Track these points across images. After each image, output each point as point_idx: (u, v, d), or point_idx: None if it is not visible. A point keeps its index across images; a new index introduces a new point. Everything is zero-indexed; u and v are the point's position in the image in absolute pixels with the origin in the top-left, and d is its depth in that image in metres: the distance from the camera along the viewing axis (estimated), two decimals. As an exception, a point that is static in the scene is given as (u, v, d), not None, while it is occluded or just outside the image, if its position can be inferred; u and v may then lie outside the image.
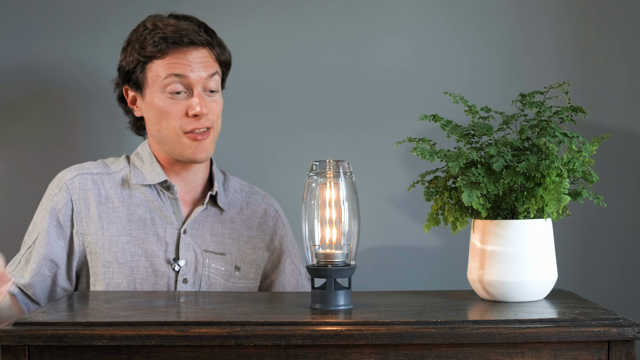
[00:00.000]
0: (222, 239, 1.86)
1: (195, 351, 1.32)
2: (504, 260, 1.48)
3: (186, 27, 1.79)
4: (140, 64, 1.80)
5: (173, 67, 1.77)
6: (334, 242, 1.45)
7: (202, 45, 1.80)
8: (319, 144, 2.15)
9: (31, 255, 1.80)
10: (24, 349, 1.32)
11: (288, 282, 1.91)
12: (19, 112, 2.13)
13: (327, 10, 2.15)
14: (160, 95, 1.79)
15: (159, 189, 1.84)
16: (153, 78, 1.79)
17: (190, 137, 1.79)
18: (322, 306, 1.43)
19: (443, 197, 1.56)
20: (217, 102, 1.83)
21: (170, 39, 1.77)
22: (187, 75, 1.77)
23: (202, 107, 1.78)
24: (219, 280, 1.83)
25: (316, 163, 1.47)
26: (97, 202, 1.81)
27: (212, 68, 1.81)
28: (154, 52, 1.77)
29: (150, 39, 1.78)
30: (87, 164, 1.86)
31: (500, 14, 2.15)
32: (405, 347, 1.32)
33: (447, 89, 1.88)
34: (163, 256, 1.80)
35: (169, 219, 1.82)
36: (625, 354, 1.32)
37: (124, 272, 1.78)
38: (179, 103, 1.78)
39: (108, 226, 1.80)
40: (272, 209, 1.93)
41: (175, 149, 1.81)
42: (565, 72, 2.14)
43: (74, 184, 1.81)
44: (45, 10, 2.13)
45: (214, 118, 1.81)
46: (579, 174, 1.50)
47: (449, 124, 1.55)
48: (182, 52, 1.78)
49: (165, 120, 1.79)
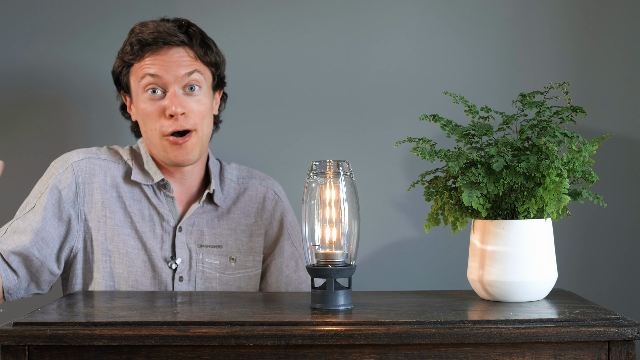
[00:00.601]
0: (219, 230, 1.86)
1: (195, 351, 1.32)
2: (504, 260, 1.48)
3: (163, 29, 1.78)
4: (124, 68, 1.81)
5: (148, 67, 1.77)
6: (334, 242, 1.45)
7: (177, 45, 1.78)
8: (319, 144, 2.15)
9: (19, 227, 1.74)
10: (24, 349, 1.32)
11: (287, 264, 1.90)
12: (18, 112, 2.13)
13: (327, 11, 2.15)
14: (142, 97, 1.79)
15: (155, 187, 1.84)
16: (134, 81, 1.80)
17: (171, 140, 1.77)
18: (322, 306, 1.43)
19: (443, 197, 1.56)
20: (200, 102, 1.79)
21: (144, 41, 1.77)
22: (160, 75, 1.77)
23: (177, 106, 1.75)
24: (214, 274, 1.83)
25: (316, 163, 1.47)
26: (102, 189, 1.80)
27: (190, 67, 1.78)
28: (133, 56, 1.78)
29: (129, 43, 1.79)
30: (94, 149, 1.85)
31: (500, 14, 2.15)
32: (405, 347, 1.32)
33: (447, 89, 1.88)
34: (160, 254, 1.80)
35: (165, 216, 1.82)
36: (625, 354, 1.32)
37: (124, 262, 1.78)
38: (156, 104, 1.78)
39: (111, 215, 1.79)
40: (272, 192, 1.92)
41: (160, 152, 1.80)
42: (565, 72, 2.14)
43: (81, 166, 1.80)
44: (44, 12, 2.13)
45: (195, 119, 1.78)
46: (579, 174, 1.50)
47: (449, 124, 1.55)
48: (158, 52, 1.78)
49: (148, 122, 1.79)
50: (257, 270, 1.88)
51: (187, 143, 1.78)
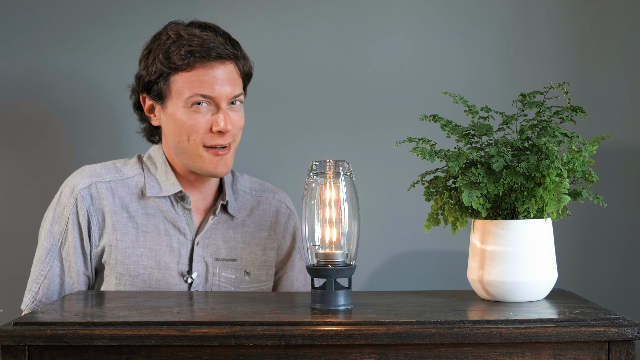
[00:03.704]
0: (234, 244, 1.85)
1: (195, 351, 1.32)
2: (504, 260, 1.48)
3: (213, 40, 1.74)
4: (164, 75, 1.75)
5: (200, 85, 1.73)
6: (334, 242, 1.45)
7: (229, 59, 1.76)
8: (319, 144, 2.15)
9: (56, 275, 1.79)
10: (24, 349, 1.32)
11: (297, 278, 1.91)
12: (18, 113, 2.13)
13: (327, 10, 2.15)
14: (184, 110, 1.75)
15: (172, 199, 1.81)
16: (177, 91, 1.75)
17: (211, 152, 1.76)
18: (322, 306, 1.43)
19: (443, 197, 1.56)
20: (240, 115, 1.80)
21: (197, 52, 1.73)
22: (213, 96, 1.74)
23: (227, 124, 1.75)
24: (229, 288, 1.83)
25: (316, 163, 1.47)
26: (112, 212, 1.78)
27: (238, 83, 1.78)
28: (180, 65, 1.73)
29: (176, 50, 1.73)
30: (99, 168, 1.81)
31: (500, 14, 2.15)
32: (405, 347, 1.32)
33: (447, 88, 1.88)
34: (176, 268, 1.79)
35: (182, 229, 1.80)
36: (625, 354, 1.32)
37: (137, 284, 1.77)
38: (203, 117, 1.75)
39: (122, 237, 1.77)
40: (284, 207, 1.92)
41: (195, 162, 1.77)
42: (565, 72, 2.14)
43: (89, 193, 1.78)
44: (48, 14, 2.13)
45: (236, 132, 1.79)
46: (579, 174, 1.50)
47: (449, 124, 1.55)
48: (210, 66, 1.74)
49: (186, 133, 1.75)
50: (269, 284, 1.88)
51: (227, 155, 1.78)
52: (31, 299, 1.78)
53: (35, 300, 1.77)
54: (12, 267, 2.10)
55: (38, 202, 2.05)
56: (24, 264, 1.89)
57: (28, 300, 1.78)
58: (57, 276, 1.78)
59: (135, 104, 1.85)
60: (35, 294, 1.77)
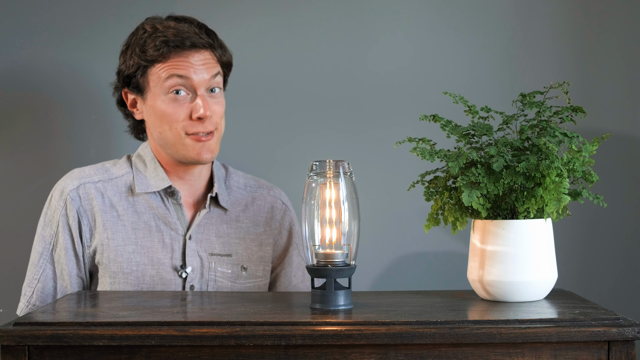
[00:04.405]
0: (228, 239, 1.85)
1: (195, 351, 1.32)
2: (504, 260, 1.48)
3: (187, 30, 1.77)
4: (141, 67, 1.78)
5: (175, 68, 1.76)
6: (334, 242, 1.45)
7: (203, 48, 1.78)
8: (319, 144, 2.15)
9: (49, 278, 1.80)
10: (24, 349, 1.32)
11: (294, 274, 1.91)
12: (18, 113, 2.13)
13: (327, 10, 2.15)
14: (163, 98, 1.77)
15: (162, 194, 1.83)
16: (155, 81, 1.78)
17: (193, 138, 1.78)
18: (322, 306, 1.43)
19: (443, 197, 1.56)
20: (220, 103, 1.81)
21: (171, 42, 1.76)
22: (189, 77, 1.76)
23: (206, 109, 1.77)
24: (226, 283, 1.83)
25: (316, 163, 1.47)
26: (102, 212, 1.79)
27: (215, 69, 1.80)
28: (156, 55, 1.76)
29: (151, 42, 1.76)
30: (88, 170, 1.84)
31: (500, 14, 2.15)
32: (405, 347, 1.32)
33: (447, 89, 1.88)
34: (169, 263, 1.79)
35: (173, 225, 1.81)
36: (625, 354, 1.32)
37: (131, 281, 1.77)
38: (182, 105, 1.77)
39: (113, 236, 1.79)
40: (280, 202, 1.92)
41: (179, 150, 1.79)
42: (565, 72, 2.14)
43: (77, 194, 1.80)
44: (42, 12, 2.13)
45: (217, 119, 1.80)
46: (579, 174, 1.50)
47: (449, 124, 1.55)
48: (184, 55, 1.77)
49: (167, 122, 1.78)
50: (266, 280, 1.88)
51: (210, 141, 1.79)
52: (26, 303, 1.79)
53: (29, 304, 1.79)
54: (12, 267, 2.11)
55: (38, 203, 2.04)
56: (24, 264, 1.89)
57: (23, 304, 1.80)
58: (50, 279, 1.79)
59: (119, 101, 1.87)
60: (30, 297, 1.79)
